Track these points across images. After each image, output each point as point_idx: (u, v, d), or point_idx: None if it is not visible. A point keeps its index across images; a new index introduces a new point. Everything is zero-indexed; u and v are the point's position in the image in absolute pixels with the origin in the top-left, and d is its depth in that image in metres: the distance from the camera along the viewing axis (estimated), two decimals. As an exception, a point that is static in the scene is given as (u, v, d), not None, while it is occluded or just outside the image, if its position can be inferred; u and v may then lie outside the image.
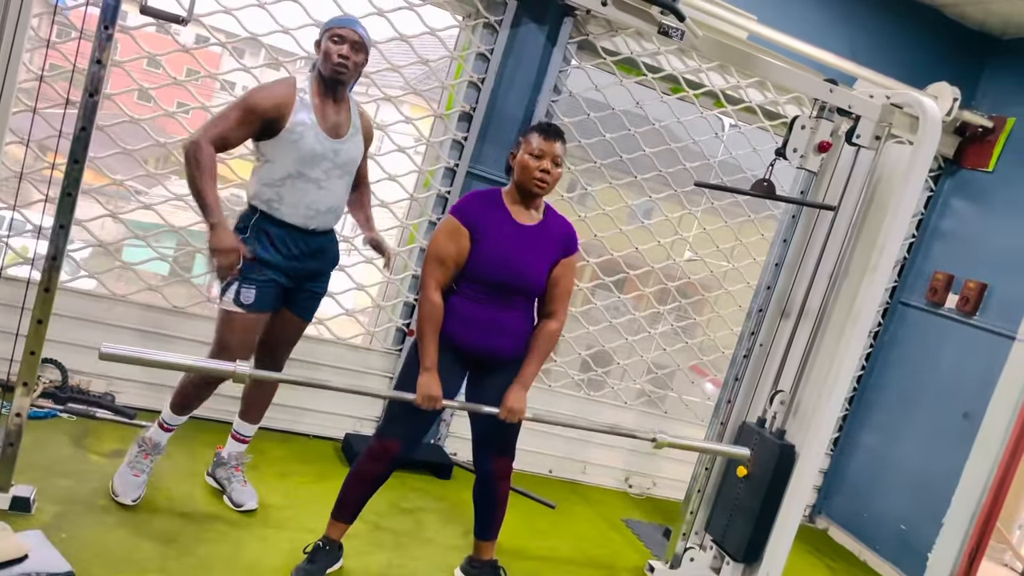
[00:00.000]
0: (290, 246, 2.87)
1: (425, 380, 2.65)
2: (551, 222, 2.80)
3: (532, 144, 2.67)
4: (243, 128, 2.74)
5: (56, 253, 2.49)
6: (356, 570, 2.91)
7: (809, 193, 3.44)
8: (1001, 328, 4.17)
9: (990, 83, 4.61)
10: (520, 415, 2.74)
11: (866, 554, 4.58)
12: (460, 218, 2.67)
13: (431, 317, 2.67)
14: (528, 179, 2.67)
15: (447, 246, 2.67)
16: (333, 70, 2.80)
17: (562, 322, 2.83)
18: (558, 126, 2.74)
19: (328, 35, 2.82)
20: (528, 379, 2.78)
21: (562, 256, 2.79)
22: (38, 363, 2.56)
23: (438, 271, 2.67)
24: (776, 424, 3.32)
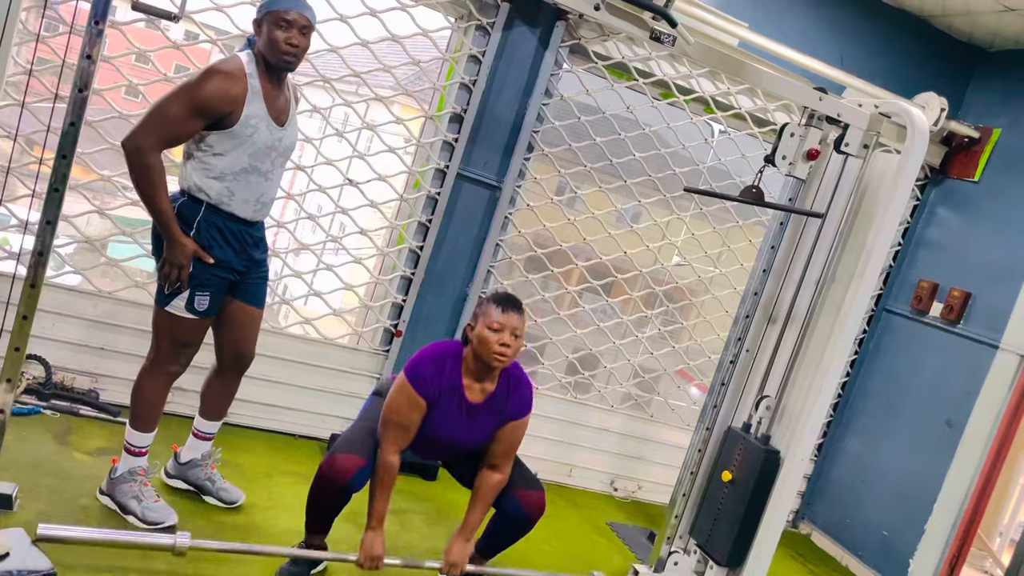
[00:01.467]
0: (242, 240, 2.79)
1: (369, 539, 2.66)
2: (502, 394, 2.77)
3: (491, 317, 2.63)
4: (191, 125, 2.57)
5: (43, 249, 2.47)
6: (340, 572, 2.90)
7: (797, 200, 3.46)
8: (984, 337, 4.21)
9: (977, 94, 4.66)
10: (462, 568, 2.77)
11: (848, 559, 4.61)
12: (419, 390, 2.66)
13: (387, 479, 2.66)
14: (488, 353, 2.63)
15: (411, 416, 2.67)
16: (282, 59, 2.64)
17: (506, 475, 2.83)
18: (516, 298, 2.70)
19: (272, 18, 2.61)
20: (470, 530, 2.80)
21: (509, 421, 2.79)
22: (22, 359, 2.54)
23: (401, 437, 2.68)
24: (761, 429, 3.34)
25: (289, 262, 3.92)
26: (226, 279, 2.80)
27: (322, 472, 2.65)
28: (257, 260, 2.91)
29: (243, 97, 2.60)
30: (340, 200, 3.91)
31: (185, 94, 2.54)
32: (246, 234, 2.80)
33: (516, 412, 2.79)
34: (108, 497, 2.87)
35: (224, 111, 2.58)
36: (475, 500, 2.80)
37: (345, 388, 4.00)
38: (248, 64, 2.65)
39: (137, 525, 2.79)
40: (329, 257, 3.99)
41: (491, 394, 2.74)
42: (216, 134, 2.62)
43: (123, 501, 2.83)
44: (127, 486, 2.83)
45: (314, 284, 3.91)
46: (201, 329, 2.84)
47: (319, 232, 3.89)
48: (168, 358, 2.82)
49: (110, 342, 3.60)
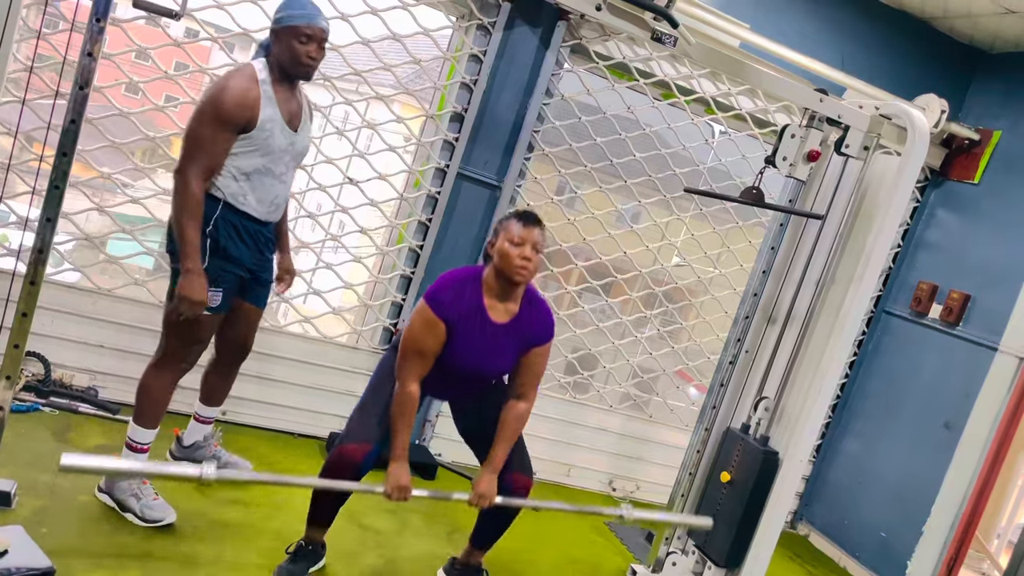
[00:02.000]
0: (255, 238, 2.86)
1: (395, 469, 2.62)
2: (526, 315, 2.74)
3: (512, 232, 2.62)
4: (223, 143, 2.66)
5: (43, 246, 2.47)
6: (339, 570, 2.90)
7: (797, 201, 3.46)
8: (983, 339, 4.21)
9: (977, 96, 4.66)
10: (491, 501, 2.72)
11: (846, 560, 4.61)
12: (437, 312, 2.61)
13: (407, 409, 2.63)
14: (509, 267, 2.61)
15: (428, 341, 2.62)
16: (301, 71, 2.76)
17: (532, 403, 2.81)
18: (536, 213, 2.70)
19: (292, 32, 2.70)
20: (498, 463, 2.76)
21: (534, 345, 2.76)
22: (22, 356, 2.53)
23: (419, 365, 2.64)
24: (760, 430, 3.34)
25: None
26: (239, 276, 2.85)
27: (332, 464, 2.65)
28: (267, 260, 2.98)
29: (258, 103, 2.67)
30: (340, 199, 3.91)
31: (208, 113, 2.62)
32: (259, 233, 2.87)
33: (541, 335, 2.76)
34: (107, 495, 2.87)
35: (246, 117, 2.66)
36: (502, 431, 2.76)
37: (344, 387, 4.00)
38: (261, 71, 2.72)
39: (135, 523, 2.79)
40: (329, 255, 3.98)
41: (515, 315, 2.71)
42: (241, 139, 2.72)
43: (122, 499, 2.83)
44: (126, 484, 2.83)
45: (313, 282, 3.91)
46: (212, 325, 2.88)
47: (319, 230, 3.89)
48: (177, 355, 2.84)
49: (109, 339, 3.60)
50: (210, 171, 2.66)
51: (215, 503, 3.09)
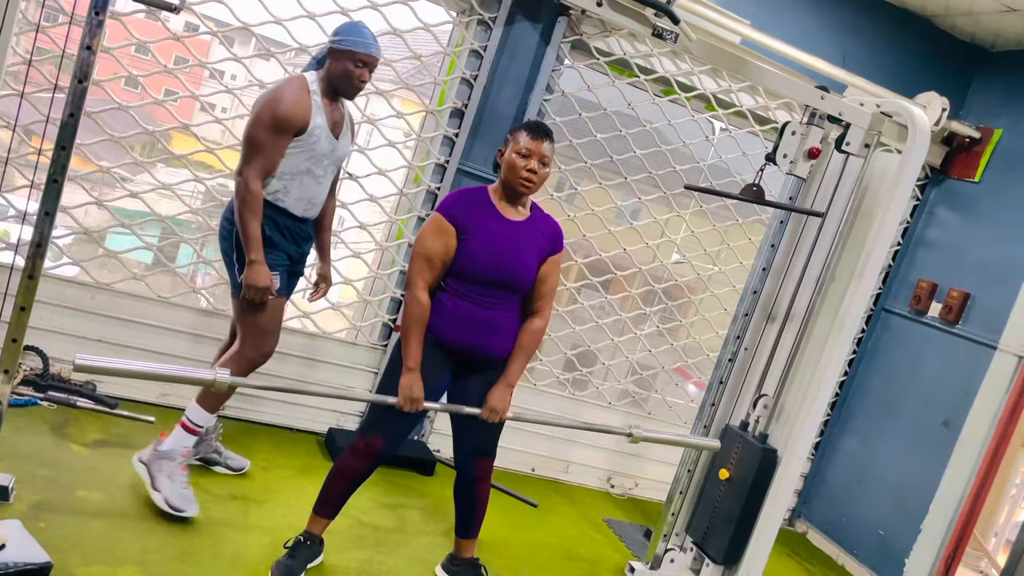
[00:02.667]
0: (294, 233, 3.03)
1: (407, 381, 2.64)
2: (538, 220, 2.79)
3: (520, 143, 2.65)
4: (280, 144, 2.86)
5: (41, 240, 2.46)
6: (337, 566, 2.90)
7: (798, 199, 3.46)
8: (983, 337, 4.21)
9: (978, 94, 4.65)
10: (502, 415, 2.75)
11: (844, 558, 4.62)
12: (447, 216, 2.65)
13: (418, 317, 2.65)
14: (515, 178, 2.66)
15: (435, 244, 2.64)
16: (351, 91, 3.00)
17: (547, 319, 2.83)
18: (547, 125, 2.73)
19: (351, 57, 2.92)
20: (514, 377, 2.77)
21: (550, 253, 2.78)
22: (20, 350, 2.53)
23: (426, 270, 2.65)
24: (759, 428, 3.34)
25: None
26: (287, 263, 3.05)
27: (357, 449, 2.74)
28: (304, 253, 3.17)
29: (310, 110, 2.89)
30: (339, 194, 3.89)
31: (266, 119, 2.83)
32: (297, 229, 3.05)
33: (554, 239, 2.79)
34: (144, 467, 2.93)
35: (300, 123, 2.87)
36: (517, 349, 2.77)
37: (343, 382, 4.00)
38: (313, 83, 2.94)
39: (158, 504, 2.86)
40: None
41: (528, 217, 2.75)
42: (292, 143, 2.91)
43: (156, 475, 2.90)
44: (166, 462, 2.92)
45: (312, 278, 3.90)
46: (278, 311, 3.04)
47: (318, 226, 3.88)
48: (252, 346, 3.00)
49: (108, 334, 3.59)
50: (266, 172, 2.86)
51: (213, 498, 3.09)
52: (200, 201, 3.87)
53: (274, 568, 2.72)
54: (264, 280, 2.85)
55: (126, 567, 2.52)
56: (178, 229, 3.78)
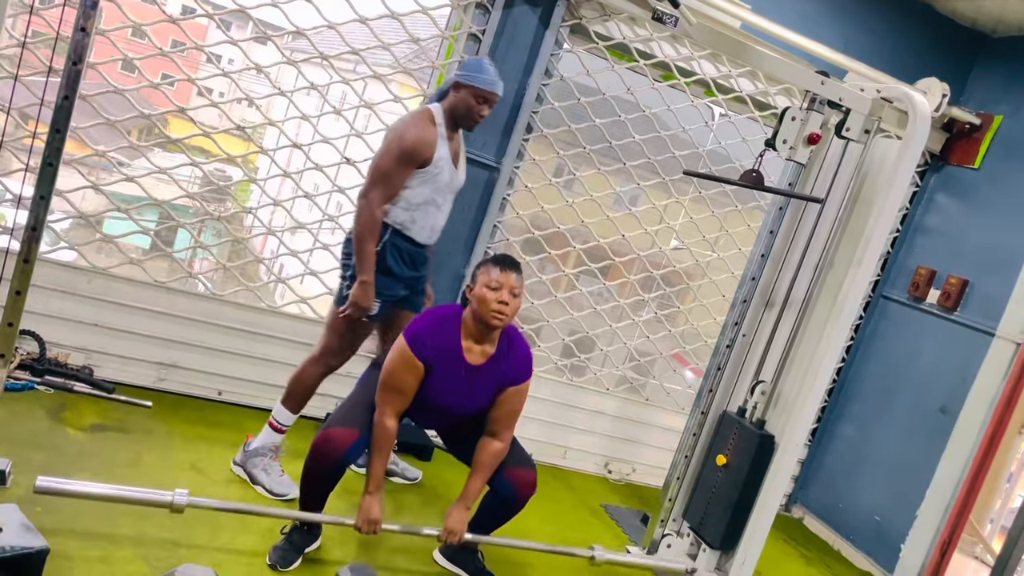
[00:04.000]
0: (414, 259, 3.22)
1: (367, 503, 2.69)
2: (503, 356, 2.79)
3: (490, 276, 2.66)
4: (403, 176, 3.04)
5: (36, 224, 2.45)
6: (334, 550, 2.91)
7: (797, 185, 3.44)
8: (981, 324, 4.21)
9: (979, 80, 4.63)
10: (460, 537, 2.80)
11: (840, 543, 4.64)
12: (417, 354, 2.68)
13: (383, 443, 2.69)
14: (486, 312, 2.66)
15: (407, 379, 2.69)
16: (470, 125, 3.15)
17: (507, 443, 2.84)
18: (513, 257, 2.75)
19: (475, 93, 3.07)
20: (471, 498, 2.82)
21: (510, 384, 2.80)
22: (16, 335, 2.52)
23: (397, 401, 2.71)
24: (756, 414, 3.34)
25: (285, 240, 3.90)
26: (397, 292, 3.21)
27: (316, 446, 2.68)
28: (423, 274, 3.35)
29: (436, 143, 3.06)
30: (337, 179, 3.88)
31: (395, 150, 3.02)
32: (418, 255, 3.24)
33: (516, 375, 2.80)
34: (240, 467, 3.22)
35: (426, 155, 3.04)
36: (475, 469, 2.81)
37: (341, 368, 3.98)
38: (438, 115, 3.12)
39: (263, 495, 3.11)
40: (326, 236, 3.97)
41: (491, 356, 2.76)
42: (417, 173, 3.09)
43: (253, 472, 3.18)
44: (259, 459, 3.20)
45: (310, 263, 3.89)
46: (366, 332, 3.24)
47: (316, 211, 3.87)
48: (333, 353, 3.21)
49: (105, 319, 3.58)
50: (388, 199, 3.05)
51: (211, 483, 3.10)
52: (197, 186, 3.85)
53: (271, 552, 2.72)
54: (367, 301, 3.04)
55: (123, 551, 2.53)
56: (175, 214, 3.77)
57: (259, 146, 4.09)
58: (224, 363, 3.77)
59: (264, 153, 4.05)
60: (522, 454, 2.94)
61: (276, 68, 3.78)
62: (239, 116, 3.69)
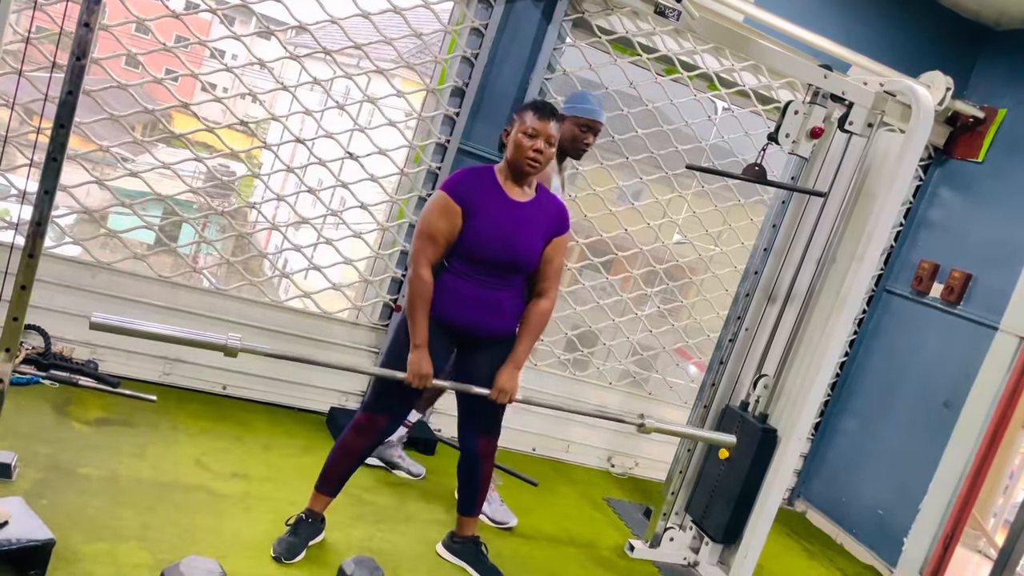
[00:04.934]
0: None
1: (416, 358, 2.65)
2: (543, 200, 2.79)
3: (526, 123, 2.65)
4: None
5: (40, 219, 2.46)
6: (338, 543, 2.92)
7: (800, 179, 3.44)
8: (984, 318, 4.21)
9: (982, 74, 4.62)
10: (511, 396, 2.76)
11: (843, 537, 4.64)
12: (452, 195, 2.64)
13: (421, 294, 2.66)
14: (521, 158, 2.66)
15: (439, 223, 2.64)
16: (575, 152, 3.28)
17: (553, 300, 2.83)
18: (552, 105, 2.72)
19: (577, 122, 3.24)
20: (521, 359, 2.78)
21: (555, 234, 2.78)
22: (21, 329, 2.53)
23: (429, 248, 2.66)
24: (759, 408, 3.35)
25: (289, 236, 3.91)
26: None
27: (360, 426, 2.77)
28: None
29: (550, 174, 3.18)
30: (340, 174, 3.89)
31: None
32: None
33: (560, 220, 2.78)
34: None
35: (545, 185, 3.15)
36: (524, 329, 2.79)
37: (345, 362, 4.00)
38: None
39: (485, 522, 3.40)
40: (329, 231, 3.98)
41: (533, 198, 2.75)
42: None
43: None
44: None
45: (314, 258, 3.90)
46: None
47: (319, 206, 3.88)
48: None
49: (110, 313, 3.57)
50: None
51: (215, 476, 3.11)
52: (201, 181, 3.85)
53: (276, 545, 2.74)
54: None
55: (128, 544, 2.54)
56: (179, 209, 3.78)
57: (262, 141, 4.10)
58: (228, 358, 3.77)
59: (267, 148, 4.06)
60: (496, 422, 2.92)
61: (279, 63, 3.78)
62: (243, 111, 3.70)
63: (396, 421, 2.80)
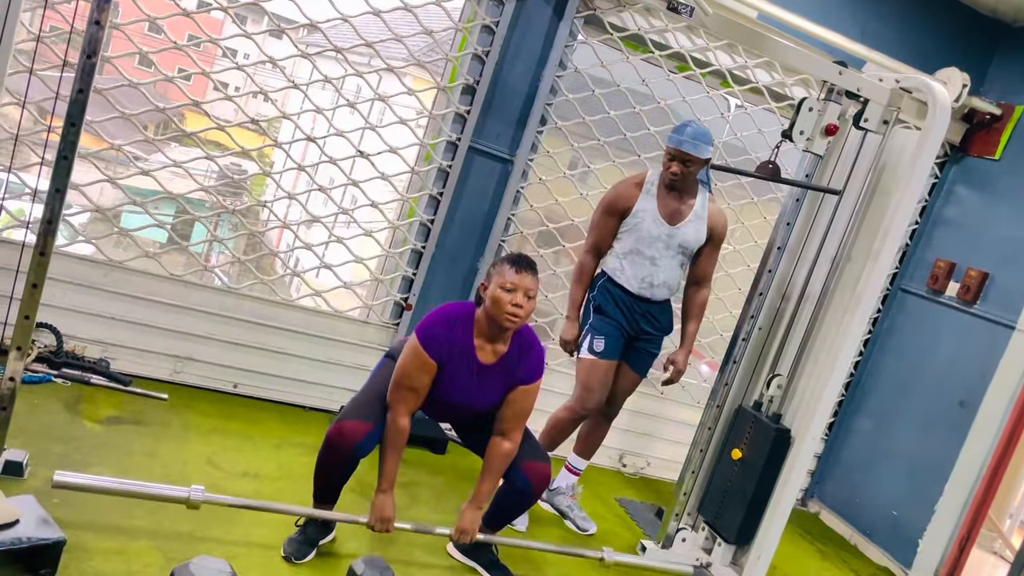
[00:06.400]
0: (629, 308, 3.42)
1: (380, 501, 2.70)
2: (514, 355, 2.77)
3: (505, 277, 2.63)
4: (606, 226, 3.40)
5: (52, 217, 2.46)
6: (349, 543, 2.91)
7: (814, 177, 3.41)
8: (1001, 317, 4.16)
9: (999, 70, 4.56)
10: (472, 536, 2.80)
11: (857, 539, 4.60)
12: (429, 351, 2.67)
13: (397, 442, 2.68)
14: (500, 314, 2.63)
15: (420, 377, 2.68)
16: (669, 180, 3.31)
17: (516, 443, 2.81)
18: (530, 258, 2.71)
19: (666, 151, 3.28)
20: (482, 500, 2.81)
21: (520, 384, 2.78)
22: (32, 327, 2.54)
23: (411, 399, 2.70)
24: (773, 408, 3.32)
25: (300, 234, 3.90)
26: (618, 330, 3.42)
27: (330, 438, 2.67)
28: (646, 331, 3.49)
29: (637, 196, 3.35)
30: (351, 172, 3.88)
31: (600, 205, 3.44)
32: (633, 305, 3.42)
33: (527, 376, 2.78)
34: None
35: (622, 207, 3.37)
36: (485, 470, 2.81)
37: (355, 360, 4.00)
38: (652, 175, 3.39)
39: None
40: (340, 229, 3.97)
41: (503, 355, 2.75)
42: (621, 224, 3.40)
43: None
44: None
45: (325, 256, 3.90)
46: (599, 370, 3.42)
47: (330, 204, 3.87)
48: (577, 398, 3.48)
49: (121, 312, 3.60)
50: (595, 247, 3.43)
51: (226, 475, 3.11)
52: (213, 180, 3.86)
53: (286, 544, 2.73)
54: (570, 334, 3.46)
55: (139, 543, 2.54)
56: (191, 208, 3.78)
57: (274, 140, 4.10)
58: (239, 356, 3.79)
59: (279, 147, 4.06)
60: (536, 446, 2.93)
61: (291, 62, 3.78)
62: (254, 110, 3.70)
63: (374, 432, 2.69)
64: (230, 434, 3.46)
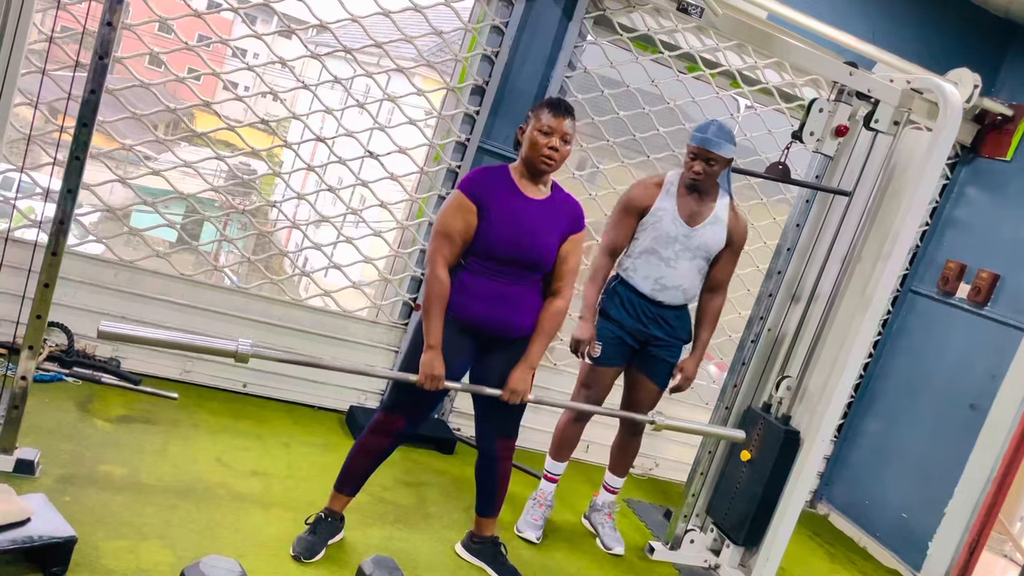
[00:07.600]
0: (639, 310, 3.29)
1: (428, 358, 2.63)
2: (559, 198, 2.77)
3: (541, 120, 2.63)
4: (624, 225, 3.30)
5: (63, 217, 2.48)
6: (357, 542, 2.92)
7: (824, 178, 3.40)
8: (1012, 319, 4.14)
9: (1011, 70, 4.54)
10: (523, 397, 2.74)
11: (866, 541, 4.59)
12: (468, 193, 2.63)
13: (438, 295, 2.64)
14: (536, 156, 2.63)
15: (454, 222, 2.63)
16: (689, 180, 3.23)
17: (568, 300, 2.80)
18: (568, 102, 2.69)
19: (688, 149, 3.22)
20: (534, 359, 2.76)
21: (570, 232, 2.76)
22: (44, 327, 2.56)
23: (445, 247, 2.64)
24: (782, 409, 3.31)
25: (309, 234, 3.91)
26: (620, 338, 3.32)
27: (379, 423, 2.76)
28: (657, 337, 3.34)
29: (655, 195, 3.27)
30: (360, 172, 3.89)
31: (618, 204, 3.35)
32: (644, 307, 3.30)
33: (575, 219, 2.77)
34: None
35: (641, 206, 3.28)
36: (538, 330, 2.76)
37: (364, 360, 4.00)
38: (672, 176, 3.32)
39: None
40: (349, 230, 3.98)
41: (548, 196, 2.74)
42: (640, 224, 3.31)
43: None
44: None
45: (334, 256, 3.91)
46: (595, 374, 3.35)
47: (339, 204, 3.88)
48: (583, 390, 3.39)
49: (132, 311, 3.62)
50: (611, 246, 3.33)
51: (235, 474, 3.12)
52: (223, 179, 3.87)
53: (295, 544, 2.74)
54: (579, 334, 3.27)
55: (149, 541, 2.55)
56: (201, 207, 3.79)
57: (283, 140, 4.11)
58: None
59: (288, 147, 4.07)
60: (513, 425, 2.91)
61: (300, 62, 3.79)
62: (264, 110, 3.72)
63: (415, 421, 2.79)
64: (239, 433, 3.47)
